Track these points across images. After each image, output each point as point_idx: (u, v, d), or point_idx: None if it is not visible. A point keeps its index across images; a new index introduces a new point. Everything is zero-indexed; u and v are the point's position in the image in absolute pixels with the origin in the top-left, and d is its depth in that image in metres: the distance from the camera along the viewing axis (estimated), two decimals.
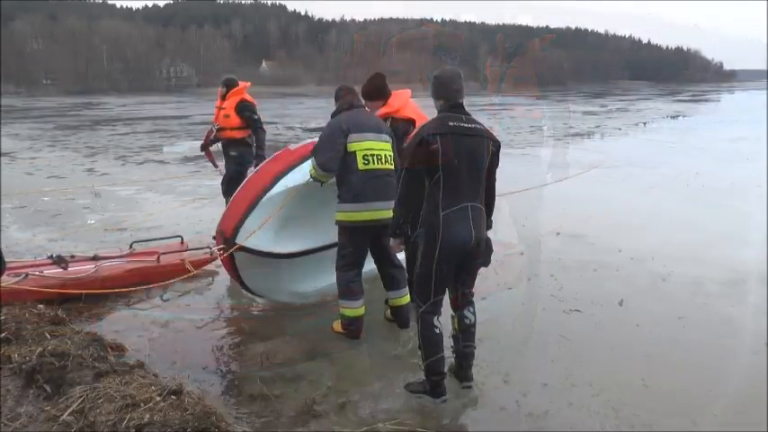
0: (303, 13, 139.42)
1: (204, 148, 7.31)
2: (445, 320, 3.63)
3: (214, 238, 4.96)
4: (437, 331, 3.52)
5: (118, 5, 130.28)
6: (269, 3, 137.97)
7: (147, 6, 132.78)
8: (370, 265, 4.59)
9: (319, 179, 4.34)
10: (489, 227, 3.63)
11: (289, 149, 4.87)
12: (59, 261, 5.22)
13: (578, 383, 3.78)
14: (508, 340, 4.38)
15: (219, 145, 7.29)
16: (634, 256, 6.42)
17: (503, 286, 5.52)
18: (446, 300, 3.65)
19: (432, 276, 3.46)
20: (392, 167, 4.32)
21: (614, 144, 18.70)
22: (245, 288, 4.87)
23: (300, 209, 4.71)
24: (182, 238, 6.16)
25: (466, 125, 3.45)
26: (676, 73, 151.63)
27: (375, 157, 4.23)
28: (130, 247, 5.86)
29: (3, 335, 3.85)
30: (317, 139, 4.42)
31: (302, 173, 4.54)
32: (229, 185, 6.58)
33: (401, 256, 4.53)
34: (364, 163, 4.21)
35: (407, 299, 4.49)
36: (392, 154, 4.37)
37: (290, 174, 4.57)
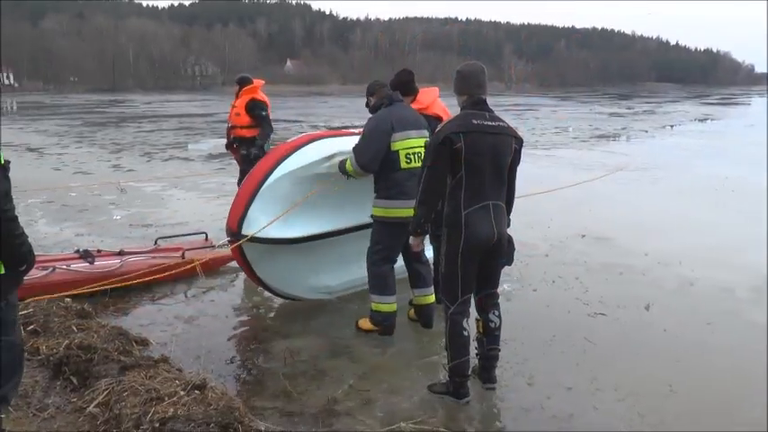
0: (328, 12, 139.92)
1: (229, 146, 7.35)
2: (470, 322, 3.59)
3: None
4: (465, 333, 3.49)
5: (144, 4, 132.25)
6: (294, 2, 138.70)
7: (172, 5, 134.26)
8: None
9: (355, 177, 4.33)
10: (508, 225, 3.59)
11: (285, 143, 4.85)
12: (86, 256, 5.30)
13: (603, 387, 3.73)
14: (532, 342, 4.34)
15: None
16: (661, 259, 6.32)
17: (527, 288, 5.47)
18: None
19: (457, 275, 3.43)
20: None
21: (641, 146, 18.46)
22: (263, 285, 4.79)
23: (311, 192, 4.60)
24: (206, 235, 6.22)
25: (490, 123, 3.42)
26: (705, 75, 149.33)
27: (416, 156, 4.23)
28: (155, 242, 5.93)
29: (31, 327, 3.92)
30: (311, 132, 4.34)
31: (291, 161, 4.50)
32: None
33: (429, 254, 4.49)
34: (407, 162, 4.22)
35: (432, 298, 4.48)
36: None
37: (284, 162, 4.51)
